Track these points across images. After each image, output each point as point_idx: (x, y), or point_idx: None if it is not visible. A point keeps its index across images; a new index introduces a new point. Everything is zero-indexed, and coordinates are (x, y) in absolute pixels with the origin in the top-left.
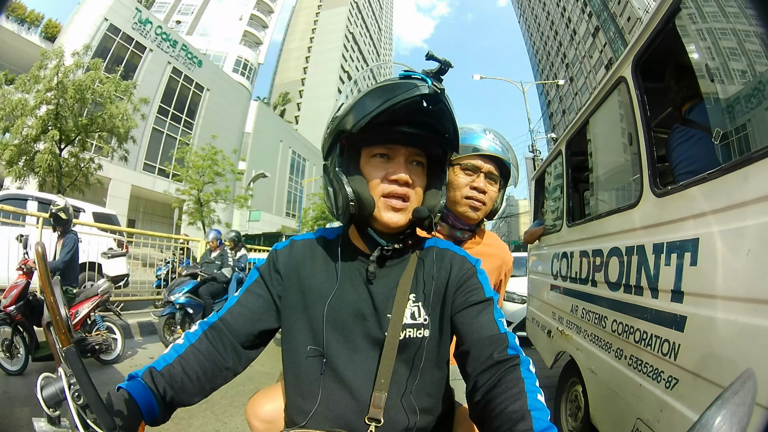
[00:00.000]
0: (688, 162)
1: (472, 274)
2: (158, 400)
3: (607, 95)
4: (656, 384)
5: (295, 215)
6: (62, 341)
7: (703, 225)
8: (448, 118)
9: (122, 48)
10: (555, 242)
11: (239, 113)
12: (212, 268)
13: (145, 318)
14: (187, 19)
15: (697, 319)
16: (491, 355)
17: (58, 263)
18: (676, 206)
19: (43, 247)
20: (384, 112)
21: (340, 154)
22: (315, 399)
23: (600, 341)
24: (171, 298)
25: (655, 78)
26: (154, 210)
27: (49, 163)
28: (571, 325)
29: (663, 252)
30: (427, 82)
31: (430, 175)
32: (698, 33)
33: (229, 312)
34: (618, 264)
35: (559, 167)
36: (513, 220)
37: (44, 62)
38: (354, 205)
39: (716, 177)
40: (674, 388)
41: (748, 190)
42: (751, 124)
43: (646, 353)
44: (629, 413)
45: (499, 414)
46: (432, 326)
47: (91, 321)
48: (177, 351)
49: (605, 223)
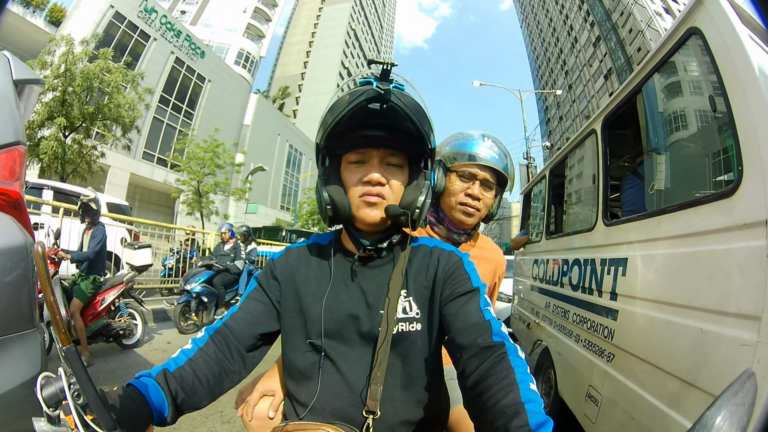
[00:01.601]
0: (630, 204)
1: (459, 266)
2: (169, 401)
3: (583, 140)
4: (600, 359)
5: (289, 209)
6: (62, 341)
7: (630, 250)
8: (402, 116)
9: (126, 36)
10: (536, 250)
11: (239, 105)
12: (225, 260)
13: (158, 305)
14: (192, 9)
15: (625, 312)
16: (475, 341)
17: (89, 253)
18: (616, 234)
19: (43, 246)
20: (339, 123)
21: (322, 163)
22: (313, 393)
23: (564, 330)
24: (187, 287)
25: (619, 134)
26: (151, 198)
27: (54, 150)
28: (544, 318)
29: (606, 265)
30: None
31: (414, 173)
32: (650, 110)
33: (232, 317)
34: (578, 271)
35: (543, 189)
36: (505, 222)
37: (52, 48)
38: (330, 208)
39: (642, 219)
40: (612, 361)
41: (659, 230)
42: (671, 183)
43: (594, 337)
44: (583, 382)
45: (492, 407)
46: (423, 319)
47: (115, 307)
48: (187, 355)
49: (572, 240)
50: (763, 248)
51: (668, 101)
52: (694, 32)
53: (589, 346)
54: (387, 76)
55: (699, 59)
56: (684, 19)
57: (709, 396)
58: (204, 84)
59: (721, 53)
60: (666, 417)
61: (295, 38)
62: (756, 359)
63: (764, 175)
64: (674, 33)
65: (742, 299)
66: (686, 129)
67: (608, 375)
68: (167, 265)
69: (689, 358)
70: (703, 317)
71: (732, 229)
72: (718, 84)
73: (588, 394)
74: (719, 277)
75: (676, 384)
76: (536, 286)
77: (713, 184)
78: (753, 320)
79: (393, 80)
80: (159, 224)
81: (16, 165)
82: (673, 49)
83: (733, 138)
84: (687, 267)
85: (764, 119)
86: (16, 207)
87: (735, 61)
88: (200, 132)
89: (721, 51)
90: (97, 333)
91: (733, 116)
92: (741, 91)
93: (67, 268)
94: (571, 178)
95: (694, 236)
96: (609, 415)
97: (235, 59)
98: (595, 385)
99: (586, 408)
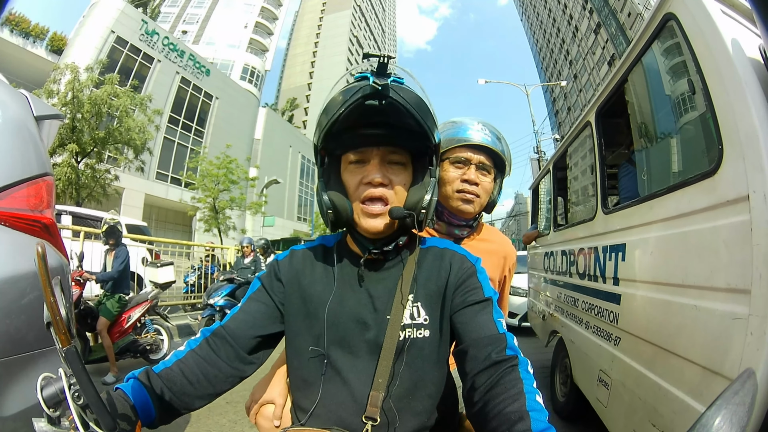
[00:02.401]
0: (625, 191)
1: (472, 274)
2: (154, 400)
3: (579, 133)
4: (608, 343)
5: (306, 219)
6: (62, 341)
7: (628, 235)
8: (403, 112)
9: (130, 59)
10: (546, 243)
11: (248, 120)
12: (246, 272)
13: (182, 321)
14: (193, 28)
15: (627, 295)
16: (489, 355)
17: (113, 273)
18: (614, 221)
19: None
20: (335, 123)
21: (321, 165)
22: (315, 399)
23: (575, 318)
24: (210, 302)
25: (613, 124)
26: (167, 218)
27: (68, 176)
28: (557, 309)
29: (607, 252)
30: (369, 80)
31: (419, 170)
32: (637, 98)
33: (232, 319)
34: (583, 260)
35: (549, 183)
36: (522, 218)
37: (57, 77)
38: (331, 213)
39: (636, 204)
40: (619, 344)
41: (652, 214)
42: (660, 168)
43: (601, 322)
44: (594, 367)
45: (497, 414)
46: (432, 326)
47: (141, 324)
48: (177, 356)
49: (576, 230)
50: (747, 222)
51: (653, 88)
52: (671, 18)
53: (597, 331)
54: (384, 69)
55: (677, 44)
56: (660, 5)
57: (706, 371)
58: (212, 101)
59: (696, 38)
60: (668, 394)
61: (299, 49)
62: (749, 331)
63: (743, 152)
64: (652, 20)
65: (731, 274)
66: (671, 114)
67: (616, 358)
68: (189, 281)
69: (686, 335)
70: (697, 294)
71: (717, 207)
72: (696, 68)
73: (599, 378)
74: (708, 254)
75: (676, 361)
76: (548, 278)
77: (698, 165)
78: (743, 294)
79: (391, 74)
80: (178, 242)
81: (46, 194)
82: (653, 36)
83: (713, 119)
84: (678, 247)
85: (740, 98)
86: (49, 232)
87: (710, 44)
88: (212, 149)
89: (696, 35)
90: (125, 349)
91: (711, 97)
92: (717, 73)
93: (91, 289)
94: (572, 170)
95: (683, 217)
96: (619, 398)
97: (241, 74)
98: (605, 369)
99: (598, 392)
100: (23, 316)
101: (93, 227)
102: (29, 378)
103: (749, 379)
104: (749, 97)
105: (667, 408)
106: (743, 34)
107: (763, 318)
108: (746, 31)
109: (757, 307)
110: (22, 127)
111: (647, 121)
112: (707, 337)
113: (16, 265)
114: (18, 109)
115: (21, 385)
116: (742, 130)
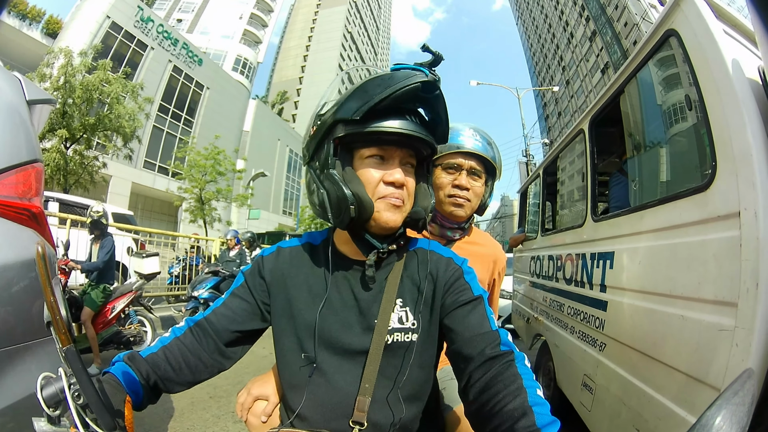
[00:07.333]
0: (615, 200)
1: (460, 275)
2: (142, 382)
3: (572, 140)
4: (593, 348)
5: (291, 213)
6: (62, 341)
7: (617, 243)
8: (443, 107)
9: (124, 46)
10: (533, 247)
11: (238, 112)
12: (231, 265)
13: (166, 312)
14: (188, 17)
15: (614, 303)
16: (483, 351)
17: (99, 263)
18: (604, 229)
19: (44, 246)
20: (386, 98)
21: (334, 154)
22: (301, 401)
23: (560, 322)
24: (195, 294)
25: (606, 134)
26: (153, 207)
27: (57, 162)
28: (542, 312)
29: (595, 259)
30: (424, 72)
31: (421, 175)
32: (632, 110)
33: (214, 312)
34: (570, 265)
35: (538, 188)
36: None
37: (50, 61)
38: (354, 207)
39: (627, 214)
40: (604, 350)
41: (642, 224)
42: (652, 179)
43: (587, 328)
44: (578, 371)
45: (499, 412)
46: (420, 330)
47: (125, 315)
48: (162, 342)
49: (565, 236)
50: (736, 238)
51: (650, 101)
52: (672, 34)
53: (582, 336)
54: (438, 64)
55: (677, 60)
56: (662, 21)
57: (691, 379)
58: (202, 91)
59: (697, 55)
60: (652, 400)
61: (292, 43)
62: (734, 343)
63: (736, 169)
64: (653, 34)
65: (719, 287)
66: (666, 127)
67: (601, 363)
68: (173, 272)
69: (672, 344)
70: (684, 305)
71: (708, 221)
72: (694, 84)
73: (583, 383)
74: (697, 266)
75: (661, 369)
76: (534, 282)
77: (690, 179)
78: (730, 306)
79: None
80: (164, 233)
81: (35, 181)
82: (653, 50)
83: (708, 135)
84: (667, 258)
85: (736, 115)
86: (37, 221)
87: (710, 61)
88: (200, 139)
89: (697, 52)
90: (109, 340)
91: (707, 113)
92: (715, 90)
93: (76, 278)
94: (563, 176)
95: (673, 229)
96: (603, 403)
97: (233, 66)
98: (590, 374)
99: (582, 396)
100: (10, 308)
101: (80, 215)
102: (16, 372)
103: (749, 379)
104: (745, 114)
105: (651, 413)
106: (744, 54)
107: (748, 330)
108: (747, 51)
109: (744, 320)
110: (14, 112)
111: (641, 133)
112: (693, 346)
113: (2, 255)
114: (11, 92)
115: (7, 379)
116: (737, 147)
